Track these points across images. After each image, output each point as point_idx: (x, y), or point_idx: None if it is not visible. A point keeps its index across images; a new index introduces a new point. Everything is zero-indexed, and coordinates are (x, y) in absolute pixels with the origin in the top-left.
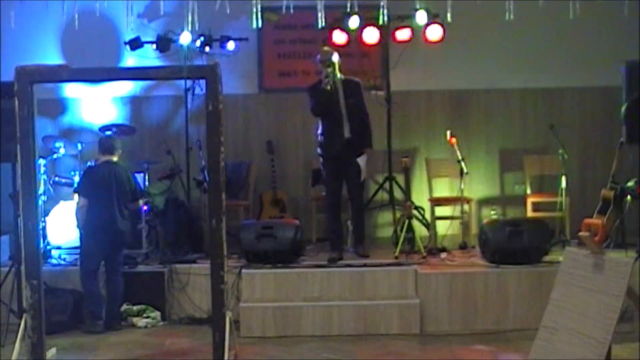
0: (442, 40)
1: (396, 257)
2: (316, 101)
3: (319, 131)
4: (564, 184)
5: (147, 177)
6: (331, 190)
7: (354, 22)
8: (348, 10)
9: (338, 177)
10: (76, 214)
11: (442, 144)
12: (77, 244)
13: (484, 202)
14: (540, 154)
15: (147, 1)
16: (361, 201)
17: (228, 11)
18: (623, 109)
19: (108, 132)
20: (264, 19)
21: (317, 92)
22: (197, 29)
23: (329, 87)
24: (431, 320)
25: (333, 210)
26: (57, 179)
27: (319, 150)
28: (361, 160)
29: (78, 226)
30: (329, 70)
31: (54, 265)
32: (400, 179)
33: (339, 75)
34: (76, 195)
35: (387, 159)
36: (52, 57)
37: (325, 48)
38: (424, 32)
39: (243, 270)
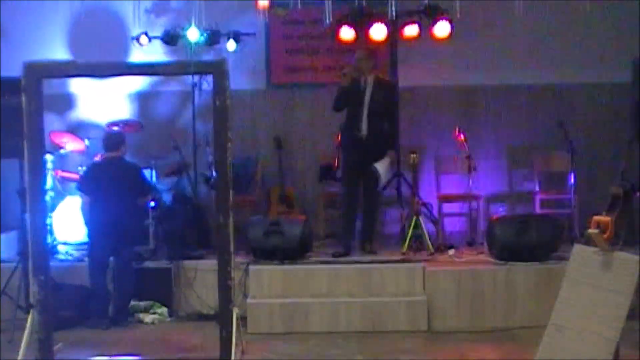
0: (450, 36)
1: (404, 254)
2: (335, 96)
3: (341, 124)
4: (572, 180)
5: (154, 173)
6: (348, 186)
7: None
8: (356, 5)
9: (355, 174)
10: (82, 210)
11: (451, 140)
12: (84, 239)
13: (492, 198)
14: (549, 150)
15: None
16: (375, 203)
17: (236, 6)
18: (633, 106)
19: (115, 128)
20: (272, 14)
21: (339, 88)
22: (204, 24)
23: (346, 85)
24: (439, 318)
25: (348, 206)
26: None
27: (339, 142)
28: (380, 166)
29: (85, 223)
30: (348, 69)
31: (61, 261)
32: (408, 175)
33: (371, 75)
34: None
35: (395, 155)
36: (60, 53)
37: (363, 47)
38: (432, 28)
39: (250, 267)
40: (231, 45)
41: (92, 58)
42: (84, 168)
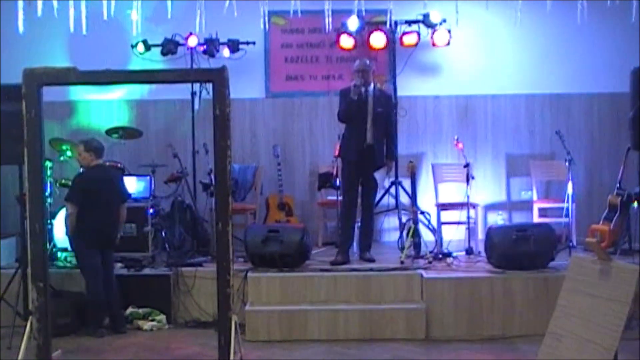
0: (449, 45)
1: (402, 262)
2: (343, 108)
3: (342, 134)
4: (570, 189)
5: (153, 180)
6: (347, 194)
7: (353, 23)
8: (355, 13)
9: (355, 182)
10: (65, 221)
11: (449, 148)
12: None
13: (490, 207)
14: (547, 159)
15: (154, 3)
16: (372, 209)
17: (235, 14)
18: (630, 115)
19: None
20: (272, 22)
21: (347, 98)
22: (204, 32)
23: (356, 97)
24: (437, 325)
25: (347, 215)
26: (63, 181)
27: (338, 153)
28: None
29: (67, 233)
30: (359, 81)
31: (60, 267)
32: (407, 183)
33: (371, 85)
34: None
35: (394, 163)
36: (60, 61)
37: (363, 58)
38: (431, 37)
39: (249, 274)
40: (227, 52)
41: (93, 66)
42: (75, 177)
